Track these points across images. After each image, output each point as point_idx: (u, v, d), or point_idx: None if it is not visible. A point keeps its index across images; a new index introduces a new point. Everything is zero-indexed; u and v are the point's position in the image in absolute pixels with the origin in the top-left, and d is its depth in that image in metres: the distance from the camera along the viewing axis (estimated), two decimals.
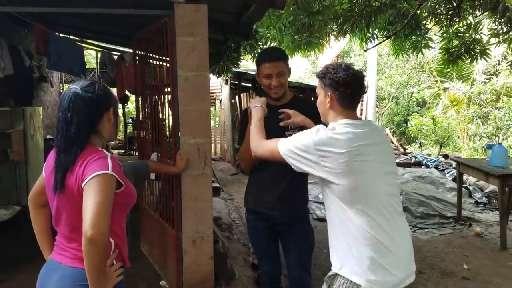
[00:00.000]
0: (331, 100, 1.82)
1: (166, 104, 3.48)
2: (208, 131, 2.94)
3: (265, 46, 6.04)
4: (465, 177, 6.94)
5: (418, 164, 10.37)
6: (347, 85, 1.78)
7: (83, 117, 1.52)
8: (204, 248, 2.98)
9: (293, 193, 2.47)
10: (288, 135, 2.34)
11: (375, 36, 5.88)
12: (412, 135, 14.94)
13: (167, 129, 3.70)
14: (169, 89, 3.10)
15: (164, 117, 3.64)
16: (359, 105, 14.41)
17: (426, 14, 5.29)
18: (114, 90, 8.31)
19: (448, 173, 8.46)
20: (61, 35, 6.08)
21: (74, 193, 1.45)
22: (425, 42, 5.85)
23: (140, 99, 4.29)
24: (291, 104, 2.47)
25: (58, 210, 1.56)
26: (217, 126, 13.75)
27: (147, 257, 4.02)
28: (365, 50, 6.47)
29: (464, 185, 7.23)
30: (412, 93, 16.59)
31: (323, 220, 6.03)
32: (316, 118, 2.42)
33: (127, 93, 7.49)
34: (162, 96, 3.55)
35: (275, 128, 2.34)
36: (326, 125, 1.86)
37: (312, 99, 11.57)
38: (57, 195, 1.53)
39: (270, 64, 2.40)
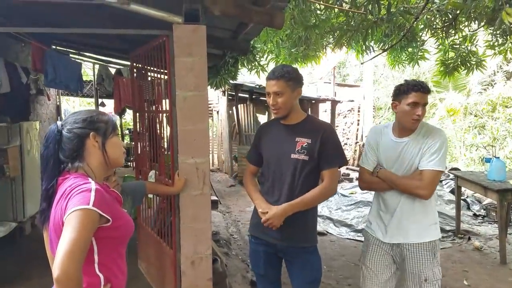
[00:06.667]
0: (394, 107, 2.51)
1: (165, 121, 3.45)
2: (206, 151, 2.91)
3: (262, 59, 6.07)
4: (463, 188, 6.93)
5: None
6: (399, 92, 2.46)
7: (52, 151, 1.54)
8: (203, 269, 2.94)
9: (299, 223, 2.35)
10: (298, 149, 2.33)
11: (371, 48, 5.90)
12: None
13: (165, 145, 3.68)
14: (168, 107, 3.08)
15: (162, 134, 3.62)
16: (356, 115, 14.51)
17: (422, 26, 5.32)
18: (111, 102, 8.27)
19: (445, 184, 8.44)
20: (58, 48, 6.07)
21: (60, 226, 1.43)
22: (421, 54, 5.89)
23: (138, 114, 4.26)
24: (302, 125, 2.41)
25: (51, 243, 1.56)
26: (214, 137, 13.72)
27: (144, 275, 3.98)
28: (362, 63, 6.47)
29: (462, 197, 7.21)
30: None
31: (321, 234, 5.97)
32: (318, 135, 2.33)
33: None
34: (160, 114, 3.53)
35: (284, 144, 2.39)
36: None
37: (309, 110, 11.51)
38: (47, 227, 1.57)
39: (269, 82, 2.35)
